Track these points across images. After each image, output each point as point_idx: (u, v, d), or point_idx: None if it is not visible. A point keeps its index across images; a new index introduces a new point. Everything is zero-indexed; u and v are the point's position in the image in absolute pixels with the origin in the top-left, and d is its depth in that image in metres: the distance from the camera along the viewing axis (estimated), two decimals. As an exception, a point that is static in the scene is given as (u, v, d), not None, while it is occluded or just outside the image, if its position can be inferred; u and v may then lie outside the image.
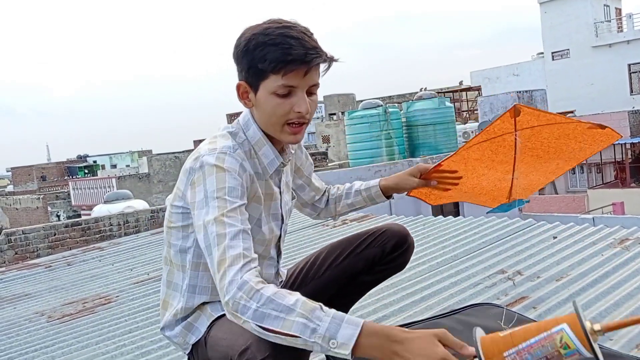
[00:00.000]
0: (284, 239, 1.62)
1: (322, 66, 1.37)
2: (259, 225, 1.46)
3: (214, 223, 1.24)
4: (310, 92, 1.38)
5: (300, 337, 1.09)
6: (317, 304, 1.13)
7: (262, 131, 1.43)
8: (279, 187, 1.53)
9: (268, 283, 1.45)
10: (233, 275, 1.16)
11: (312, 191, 1.77)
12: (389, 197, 1.78)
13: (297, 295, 1.15)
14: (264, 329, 1.12)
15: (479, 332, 1.12)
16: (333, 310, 1.12)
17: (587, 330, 1.04)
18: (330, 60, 1.36)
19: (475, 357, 1.08)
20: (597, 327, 1.06)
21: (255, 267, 1.20)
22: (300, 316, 1.10)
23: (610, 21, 28.52)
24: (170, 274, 1.51)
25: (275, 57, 1.29)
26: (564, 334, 1.05)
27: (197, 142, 32.76)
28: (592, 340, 1.04)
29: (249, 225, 1.29)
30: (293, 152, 1.63)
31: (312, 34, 1.37)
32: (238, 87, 1.41)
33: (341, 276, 1.68)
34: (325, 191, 1.82)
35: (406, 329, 1.12)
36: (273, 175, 1.50)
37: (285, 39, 1.31)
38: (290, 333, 1.10)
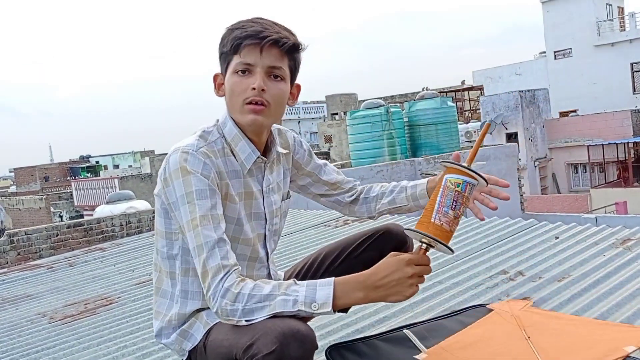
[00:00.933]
0: (274, 239, 1.60)
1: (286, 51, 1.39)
2: (240, 225, 1.46)
3: (190, 232, 1.32)
4: (273, 74, 1.39)
5: (284, 312, 1.21)
6: (290, 281, 1.27)
7: (238, 127, 1.44)
8: (261, 186, 1.51)
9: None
10: (215, 286, 1.26)
11: (324, 185, 1.73)
12: None
13: (271, 282, 1.27)
14: (254, 320, 1.22)
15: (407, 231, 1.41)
16: (306, 281, 1.27)
17: (456, 163, 1.36)
18: (289, 42, 1.38)
19: (425, 245, 1.34)
20: (465, 164, 1.36)
21: (234, 270, 1.28)
22: (279, 296, 1.23)
23: (612, 20, 28.45)
24: (159, 280, 1.52)
25: (234, 36, 1.37)
26: (450, 178, 1.36)
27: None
28: (465, 167, 1.35)
29: (222, 229, 1.33)
30: (285, 152, 1.59)
31: (284, 26, 1.41)
32: (214, 78, 1.46)
33: None
34: (352, 187, 1.76)
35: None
36: (254, 172, 1.49)
37: (248, 23, 1.38)
38: (276, 312, 1.21)
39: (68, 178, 36.03)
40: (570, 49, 28.48)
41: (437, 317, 2.14)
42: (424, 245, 1.33)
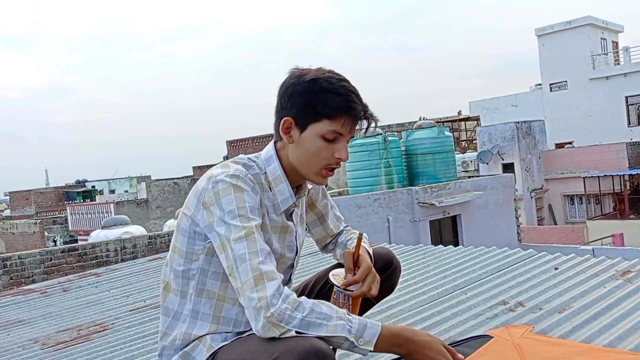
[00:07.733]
0: (295, 270, 1.64)
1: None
2: None
3: (241, 241, 1.30)
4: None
5: (340, 336, 1.25)
6: (344, 310, 1.32)
7: (283, 169, 1.48)
8: (292, 221, 1.55)
9: None
10: (275, 288, 1.25)
11: (324, 231, 1.77)
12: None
13: (325, 302, 1.31)
14: (306, 335, 1.23)
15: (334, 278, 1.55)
16: (356, 316, 1.32)
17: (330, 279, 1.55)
18: (375, 121, 1.49)
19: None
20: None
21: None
22: (338, 319, 1.26)
23: (607, 54, 28.87)
24: (167, 299, 1.51)
25: (339, 105, 1.39)
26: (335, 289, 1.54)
27: (196, 169, 32.73)
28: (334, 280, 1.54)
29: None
30: (310, 187, 1.65)
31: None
32: (284, 122, 1.44)
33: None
34: (338, 233, 1.81)
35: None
36: (284, 211, 1.53)
37: (347, 92, 1.40)
38: (330, 335, 1.25)
39: (65, 202, 35.84)
40: (566, 81, 28.81)
41: (437, 347, 2.10)
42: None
